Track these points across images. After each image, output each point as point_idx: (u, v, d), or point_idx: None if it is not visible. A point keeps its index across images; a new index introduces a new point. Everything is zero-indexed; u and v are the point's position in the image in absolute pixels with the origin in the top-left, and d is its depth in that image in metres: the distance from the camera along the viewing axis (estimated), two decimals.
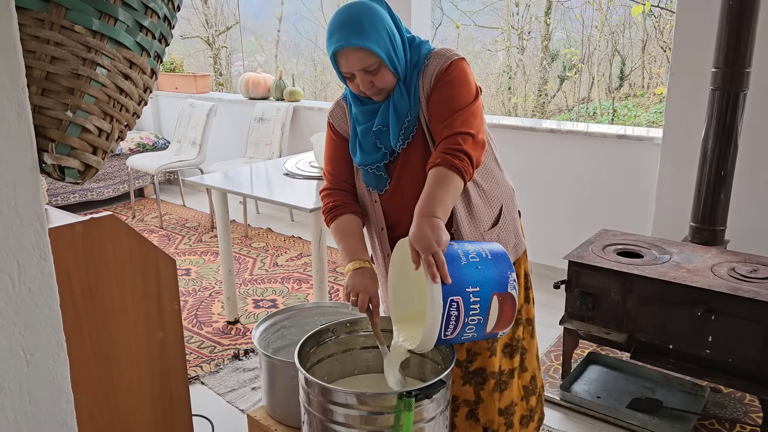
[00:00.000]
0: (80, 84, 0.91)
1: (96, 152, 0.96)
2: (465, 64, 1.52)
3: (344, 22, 1.42)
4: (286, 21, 9.85)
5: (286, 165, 3.39)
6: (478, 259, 1.34)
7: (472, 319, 1.32)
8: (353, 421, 1.34)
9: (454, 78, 1.48)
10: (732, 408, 2.37)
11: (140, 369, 1.54)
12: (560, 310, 2.50)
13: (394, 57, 1.46)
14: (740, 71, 2.45)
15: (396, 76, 1.49)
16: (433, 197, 1.38)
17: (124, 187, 5.39)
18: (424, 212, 1.36)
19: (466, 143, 1.43)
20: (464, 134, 1.44)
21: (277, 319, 2.05)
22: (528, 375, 1.78)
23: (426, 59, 1.52)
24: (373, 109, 1.55)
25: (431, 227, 1.32)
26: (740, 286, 2.11)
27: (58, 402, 0.92)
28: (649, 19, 7.58)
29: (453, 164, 1.40)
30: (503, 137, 3.58)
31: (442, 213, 1.37)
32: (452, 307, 1.30)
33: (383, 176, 1.59)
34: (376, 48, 1.41)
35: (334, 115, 1.67)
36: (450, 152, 1.42)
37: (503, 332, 1.38)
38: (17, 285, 0.85)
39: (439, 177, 1.41)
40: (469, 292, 1.30)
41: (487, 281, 1.32)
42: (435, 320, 1.31)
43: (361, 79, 1.47)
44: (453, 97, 1.47)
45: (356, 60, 1.43)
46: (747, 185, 2.81)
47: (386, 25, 1.45)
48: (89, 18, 0.91)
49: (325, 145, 1.71)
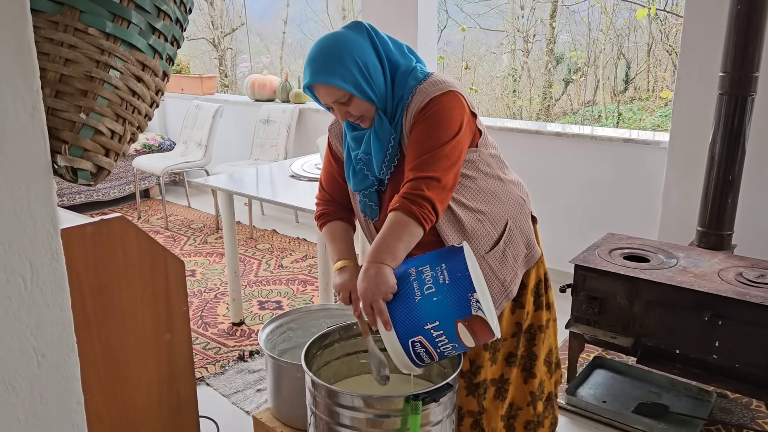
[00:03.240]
0: (93, 86, 0.92)
1: (108, 154, 0.96)
2: (449, 97, 1.45)
3: (312, 58, 1.44)
4: (292, 22, 9.87)
5: (293, 167, 3.40)
6: (434, 289, 1.27)
7: (444, 348, 1.29)
8: (360, 424, 1.34)
9: (431, 116, 1.44)
10: (738, 413, 2.36)
11: (148, 370, 1.55)
12: (566, 314, 2.50)
13: (365, 87, 1.43)
14: (748, 75, 2.45)
15: (372, 104, 1.46)
16: (383, 243, 1.37)
17: (130, 188, 5.40)
18: (372, 258, 1.35)
19: (430, 189, 1.39)
20: (428, 179, 1.40)
21: (283, 321, 2.05)
22: (536, 381, 1.76)
23: (410, 95, 1.48)
24: (361, 135, 1.54)
25: (375, 274, 1.31)
26: (747, 291, 2.11)
27: (69, 403, 0.92)
28: (655, 22, 7.57)
29: (411, 210, 1.37)
30: (508, 140, 3.58)
31: (390, 259, 1.34)
32: (416, 346, 1.28)
33: (374, 207, 1.58)
34: (341, 83, 1.40)
35: (332, 130, 1.68)
36: (410, 198, 1.38)
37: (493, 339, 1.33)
38: (29, 286, 0.85)
39: (394, 222, 1.38)
40: (429, 329, 1.26)
41: (447, 312, 1.25)
42: (404, 364, 1.31)
43: (337, 110, 1.48)
44: (426, 138, 1.43)
45: (325, 94, 1.45)
46: (754, 190, 2.80)
47: (357, 56, 1.42)
48: (103, 20, 0.92)
49: (323, 157, 1.72)
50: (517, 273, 1.65)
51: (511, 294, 1.63)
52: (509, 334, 1.69)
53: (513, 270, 1.63)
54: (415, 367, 1.33)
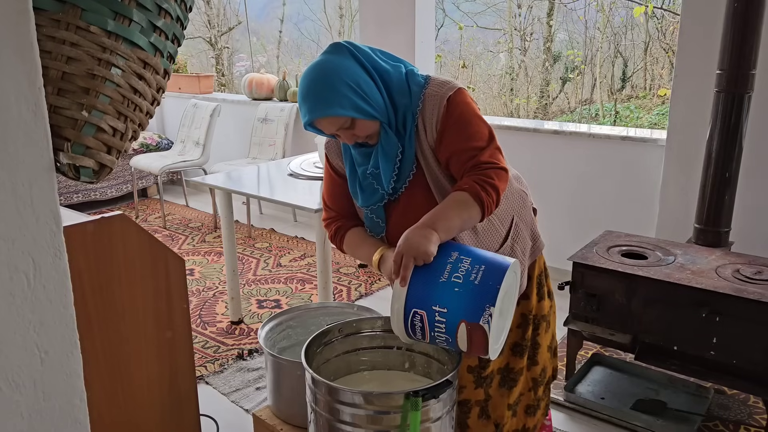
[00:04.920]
0: (95, 84, 0.92)
1: (110, 152, 0.96)
2: (462, 94, 1.47)
3: (304, 95, 1.41)
4: (289, 21, 9.87)
5: (291, 165, 3.40)
6: (461, 281, 1.28)
7: (438, 335, 1.29)
8: (360, 421, 1.34)
9: (460, 116, 1.45)
10: (736, 409, 2.37)
11: (149, 367, 1.55)
12: (564, 312, 2.50)
13: (365, 106, 1.40)
14: (745, 73, 2.46)
15: (376, 120, 1.44)
16: (441, 212, 1.36)
17: (128, 187, 5.40)
18: (425, 222, 1.34)
19: (500, 179, 1.40)
20: (498, 169, 1.41)
21: (283, 319, 2.06)
22: (538, 368, 1.80)
23: (420, 101, 1.46)
24: (369, 151, 1.52)
25: (421, 235, 1.31)
26: (745, 287, 2.12)
27: (72, 399, 0.93)
28: (652, 20, 7.59)
29: (479, 196, 1.37)
30: (506, 138, 3.57)
31: (443, 229, 1.33)
32: (415, 318, 1.29)
33: (381, 223, 1.57)
34: (340, 110, 1.38)
35: (329, 147, 1.65)
36: (480, 183, 1.38)
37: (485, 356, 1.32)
38: (32, 283, 0.86)
39: (459, 200, 1.38)
40: (435, 310, 1.27)
41: (459, 307, 1.26)
42: (398, 326, 1.32)
43: (343, 135, 1.46)
44: (469, 136, 1.44)
45: (328, 125, 1.43)
46: (751, 187, 2.81)
47: (348, 79, 1.39)
48: (104, 19, 0.92)
49: (324, 174, 1.68)
50: (525, 267, 1.68)
51: (522, 288, 1.66)
52: (515, 325, 1.72)
53: (522, 264, 1.66)
54: (405, 335, 1.33)
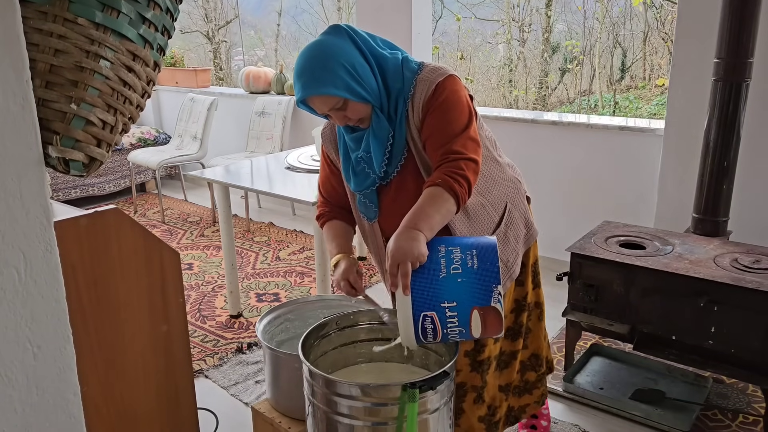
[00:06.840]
0: (84, 77, 0.91)
1: (100, 145, 0.96)
2: (452, 81, 1.48)
3: (299, 72, 1.43)
4: (286, 15, 9.83)
5: (288, 159, 3.39)
6: (460, 270, 1.28)
7: (452, 330, 1.29)
8: (357, 413, 1.34)
9: (444, 101, 1.45)
10: (734, 398, 2.37)
11: (145, 362, 1.55)
12: (563, 302, 2.50)
13: (358, 89, 1.42)
14: (743, 62, 2.44)
15: (368, 103, 1.46)
16: (421, 211, 1.37)
17: (126, 182, 5.39)
18: (408, 224, 1.35)
19: (468, 169, 1.41)
20: (467, 160, 1.42)
21: (281, 312, 2.06)
22: (528, 352, 1.83)
23: (411, 86, 1.48)
24: (361, 135, 1.54)
25: (409, 238, 1.31)
26: (743, 276, 2.12)
27: (65, 394, 0.93)
28: (651, 10, 7.56)
29: (452, 188, 1.39)
30: (504, 129, 3.58)
31: (427, 228, 1.35)
32: (425, 321, 1.28)
33: (373, 207, 1.59)
34: (333, 90, 1.40)
35: (324, 135, 1.68)
36: (451, 175, 1.40)
37: (496, 337, 1.34)
38: (23, 277, 0.85)
39: (434, 195, 1.39)
40: (445, 307, 1.26)
41: (467, 296, 1.26)
42: (407, 335, 1.30)
43: (334, 116, 1.48)
44: (447, 122, 1.44)
45: (320, 104, 1.45)
46: (749, 176, 2.80)
47: (344, 60, 1.41)
48: (92, 10, 0.91)
49: (320, 160, 1.73)
50: (518, 253, 1.69)
51: (514, 274, 1.68)
52: (509, 310, 1.74)
53: (515, 251, 1.67)
54: (416, 342, 1.32)
